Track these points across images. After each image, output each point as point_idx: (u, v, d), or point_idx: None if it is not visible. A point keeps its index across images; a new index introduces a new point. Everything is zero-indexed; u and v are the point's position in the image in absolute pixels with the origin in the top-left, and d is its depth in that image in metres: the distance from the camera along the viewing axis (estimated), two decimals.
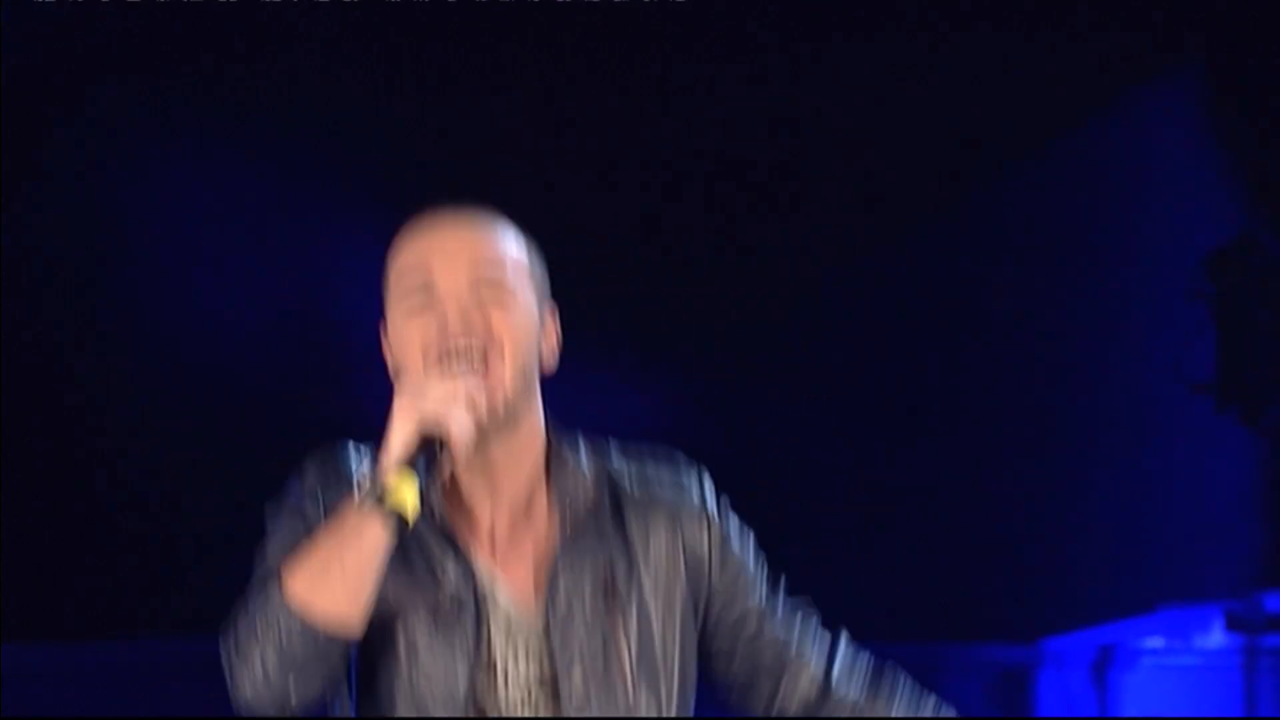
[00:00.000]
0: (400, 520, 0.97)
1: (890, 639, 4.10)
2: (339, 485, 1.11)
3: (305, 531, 1.07)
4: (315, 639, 0.99)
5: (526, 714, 1.08)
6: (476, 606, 1.08)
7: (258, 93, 3.72)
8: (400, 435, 1.00)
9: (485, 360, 1.07)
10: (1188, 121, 4.20)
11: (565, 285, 1.20)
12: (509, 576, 1.12)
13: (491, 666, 1.09)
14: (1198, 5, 3.94)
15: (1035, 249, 4.46)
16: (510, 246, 1.15)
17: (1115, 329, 4.57)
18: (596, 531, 1.14)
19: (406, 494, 0.97)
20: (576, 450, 1.18)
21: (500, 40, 3.73)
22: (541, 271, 1.19)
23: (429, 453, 0.99)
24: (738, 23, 3.93)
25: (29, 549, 3.54)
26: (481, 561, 1.12)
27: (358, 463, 1.14)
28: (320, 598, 0.98)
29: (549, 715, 1.08)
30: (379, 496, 0.97)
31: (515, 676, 1.09)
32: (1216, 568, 4.16)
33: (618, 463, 1.20)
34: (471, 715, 1.06)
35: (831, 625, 4.27)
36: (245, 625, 1.02)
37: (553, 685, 1.09)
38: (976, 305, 4.34)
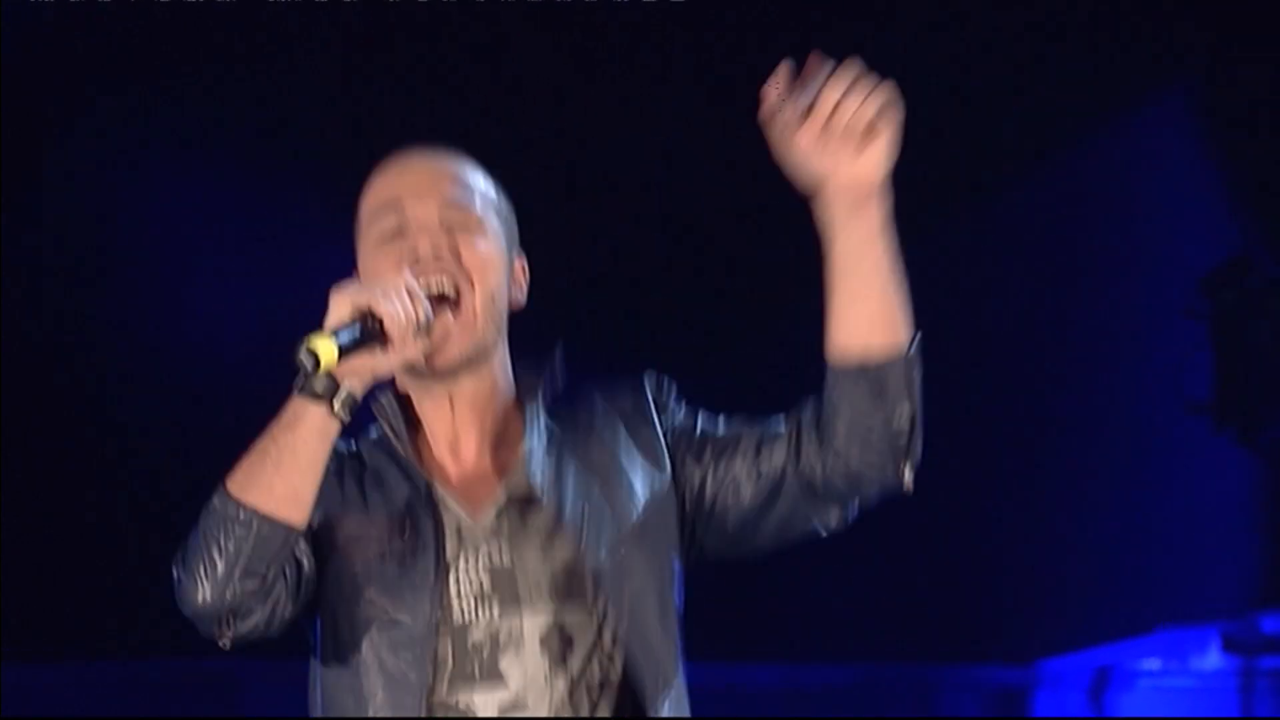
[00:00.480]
0: (326, 387, 0.97)
1: (887, 660, 4.14)
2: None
3: None
4: (255, 528, 0.98)
5: (482, 603, 1.08)
6: (435, 524, 1.09)
7: (256, 97, 3.71)
8: (334, 316, 1.00)
9: (456, 290, 1.09)
10: (1185, 140, 4.20)
11: (570, 289, 1.21)
12: (460, 486, 1.14)
13: (445, 570, 1.09)
14: (1195, 23, 3.94)
15: (1031, 268, 4.45)
16: (479, 184, 1.17)
17: (1112, 348, 4.57)
18: (550, 430, 1.16)
19: (321, 348, 0.95)
20: (535, 374, 1.20)
21: (504, 46, 3.72)
22: (509, 212, 1.20)
23: (359, 329, 0.98)
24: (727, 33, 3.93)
25: (26, 570, 3.51)
26: (433, 476, 1.13)
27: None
28: (257, 485, 0.99)
29: (503, 605, 1.08)
30: (304, 375, 0.97)
31: (467, 578, 1.09)
32: (1213, 589, 4.14)
33: (581, 395, 1.21)
34: (434, 622, 1.06)
35: (830, 645, 4.18)
36: (192, 536, 1.03)
37: (509, 574, 1.08)
38: (972, 324, 4.33)
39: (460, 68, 3.77)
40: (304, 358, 0.95)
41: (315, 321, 1.02)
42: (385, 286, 1.02)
